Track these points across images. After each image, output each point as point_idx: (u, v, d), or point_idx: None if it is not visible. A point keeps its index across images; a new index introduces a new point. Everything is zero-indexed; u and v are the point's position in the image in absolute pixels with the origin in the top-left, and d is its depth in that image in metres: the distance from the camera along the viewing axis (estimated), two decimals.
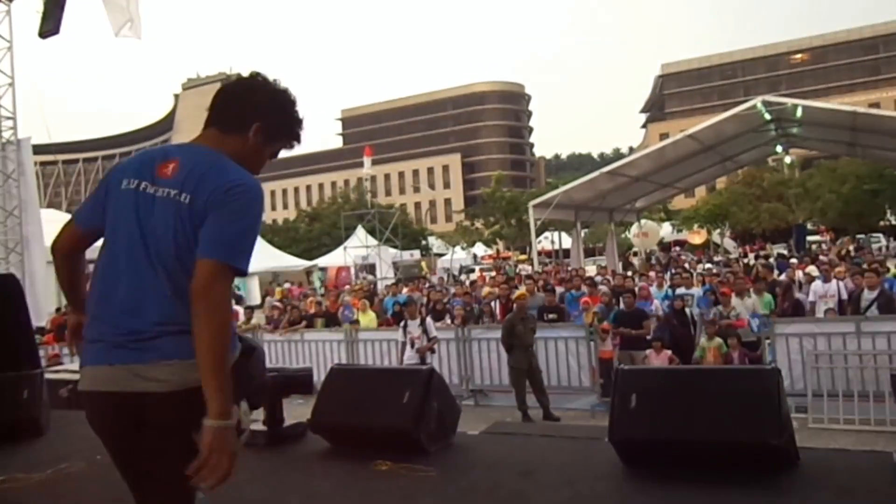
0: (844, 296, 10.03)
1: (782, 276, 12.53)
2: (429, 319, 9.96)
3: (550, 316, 10.60)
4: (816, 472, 3.43)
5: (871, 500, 3.10)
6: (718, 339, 9.11)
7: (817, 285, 10.38)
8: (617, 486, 3.61)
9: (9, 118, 9.99)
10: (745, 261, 24.10)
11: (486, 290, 15.71)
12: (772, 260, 19.32)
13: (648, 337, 9.72)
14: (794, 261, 16.32)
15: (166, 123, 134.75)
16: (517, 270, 27.70)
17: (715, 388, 3.63)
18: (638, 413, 3.66)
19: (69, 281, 2.24)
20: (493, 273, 25.12)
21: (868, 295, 9.42)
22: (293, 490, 2.76)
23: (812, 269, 12.96)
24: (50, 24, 9.15)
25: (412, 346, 9.36)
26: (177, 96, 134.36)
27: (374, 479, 2.78)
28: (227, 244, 1.89)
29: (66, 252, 2.19)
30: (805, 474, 3.40)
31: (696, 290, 11.38)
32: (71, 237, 2.17)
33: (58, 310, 15.69)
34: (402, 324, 9.86)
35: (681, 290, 11.39)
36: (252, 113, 2.09)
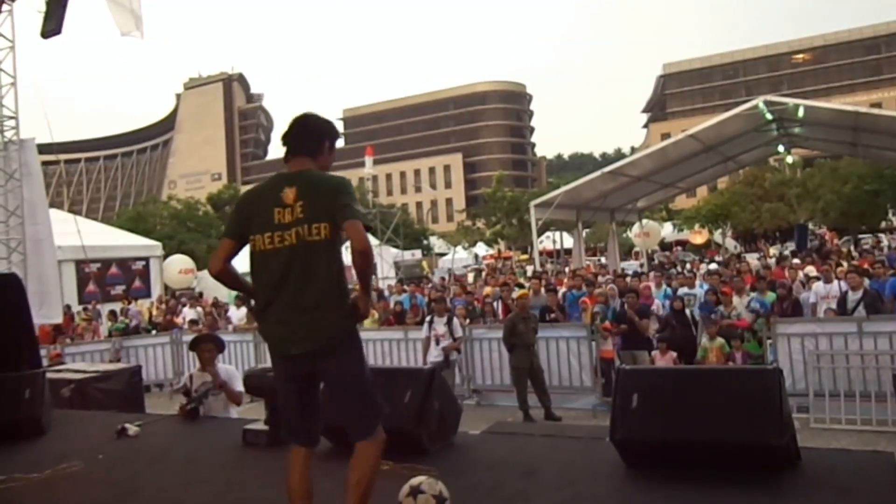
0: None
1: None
2: (456, 319, 9.91)
3: (552, 316, 10.60)
4: (818, 472, 3.43)
5: (873, 501, 3.10)
6: (720, 339, 9.11)
7: (819, 286, 10.37)
8: (618, 486, 3.61)
9: (11, 118, 9.99)
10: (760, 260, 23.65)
11: (486, 289, 15.71)
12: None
13: (649, 336, 9.72)
14: (796, 261, 16.25)
15: (168, 123, 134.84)
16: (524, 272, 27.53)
17: (717, 388, 3.63)
18: (639, 413, 3.66)
19: None
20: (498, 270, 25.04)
21: (853, 296, 9.43)
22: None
23: (810, 270, 12.93)
24: (52, 24, 9.16)
25: (437, 343, 9.31)
26: (178, 96, 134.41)
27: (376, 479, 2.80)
28: None
29: None
30: (806, 474, 3.40)
31: (698, 291, 11.35)
32: None
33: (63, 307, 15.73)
34: (428, 320, 9.82)
35: (682, 290, 11.37)
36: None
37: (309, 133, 3.05)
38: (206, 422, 5.57)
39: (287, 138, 3.04)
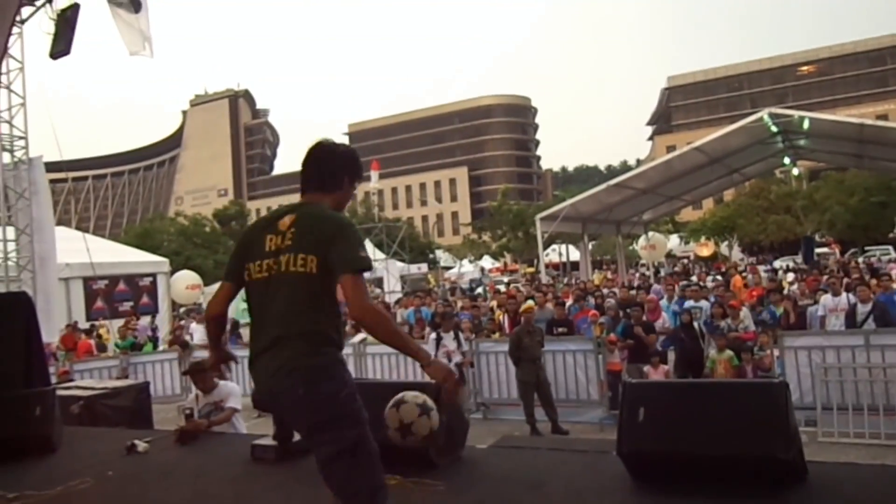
0: None
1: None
2: (461, 333, 9.89)
3: (560, 329, 10.61)
4: (825, 485, 3.43)
5: None
6: (729, 352, 9.10)
7: (827, 299, 10.37)
8: (625, 499, 3.62)
9: (21, 137, 10.11)
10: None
11: (493, 303, 15.73)
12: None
13: (657, 349, 9.73)
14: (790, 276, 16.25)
15: (175, 140, 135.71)
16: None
17: (723, 402, 3.64)
18: (646, 426, 3.67)
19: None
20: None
21: (862, 308, 9.43)
22: (302, 503, 2.80)
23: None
24: (61, 45, 9.27)
25: (449, 359, 9.22)
26: (185, 112, 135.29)
27: None
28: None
29: None
30: (813, 488, 3.40)
31: (705, 304, 11.35)
32: None
33: (68, 326, 15.83)
34: (433, 337, 9.79)
35: (689, 304, 11.37)
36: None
37: (324, 166, 2.81)
38: (213, 437, 5.60)
39: (302, 171, 2.85)
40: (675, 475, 3.56)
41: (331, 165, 2.82)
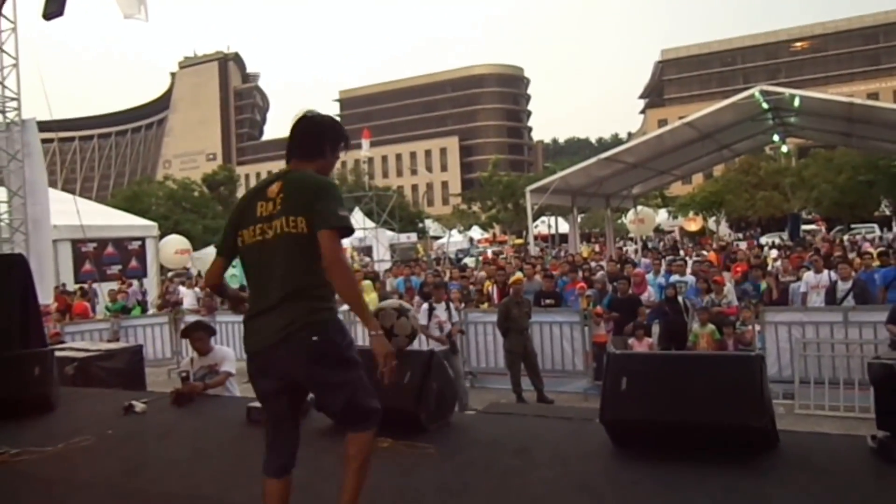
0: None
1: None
2: (451, 303, 9.93)
3: (547, 301, 10.78)
4: (795, 453, 3.62)
5: (845, 480, 3.29)
6: (711, 326, 9.31)
7: (809, 276, 10.59)
8: (607, 464, 3.80)
9: (13, 99, 10.07)
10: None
11: (482, 273, 15.90)
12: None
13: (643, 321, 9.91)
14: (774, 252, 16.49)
15: (163, 102, 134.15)
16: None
17: (701, 373, 3.81)
18: (628, 395, 3.85)
19: None
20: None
21: (843, 286, 9.64)
22: (299, 464, 2.95)
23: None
24: (54, 7, 9.21)
25: (441, 330, 9.25)
26: (174, 75, 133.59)
27: (376, 455, 2.96)
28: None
29: None
30: (784, 455, 3.59)
31: (689, 278, 11.55)
32: None
33: (56, 288, 15.85)
34: (425, 307, 9.83)
35: (674, 278, 11.57)
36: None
37: (306, 136, 3.00)
38: (209, 400, 5.75)
39: (288, 142, 3.02)
40: (655, 441, 3.75)
41: (313, 134, 3.01)
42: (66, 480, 4.05)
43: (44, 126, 13.26)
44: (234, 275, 25.85)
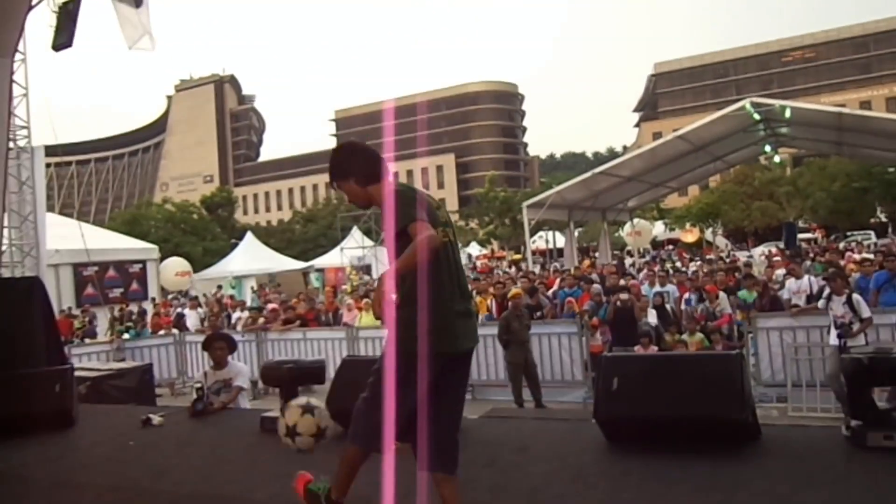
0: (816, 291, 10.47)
1: None
2: None
3: (537, 314, 11.10)
4: (776, 443, 3.90)
5: (820, 466, 3.56)
6: (699, 334, 9.60)
7: (791, 282, 10.86)
8: (601, 458, 4.08)
9: (23, 127, 10.37)
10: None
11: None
12: None
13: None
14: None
15: (159, 125, 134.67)
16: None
17: (687, 372, 4.10)
18: (620, 395, 4.13)
19: None
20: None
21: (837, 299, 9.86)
22: (308, 465, 3.23)
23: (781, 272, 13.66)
24: (63, 38, 9.47)
25: None
26: (170, 98, 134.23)
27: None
28: None
29: None
30: (765, 445, 3.87)
31: (670, 288, 12.26)
32: None
33: (61, 312, 16.06)
34: None
35: (657, 289, 12.13)
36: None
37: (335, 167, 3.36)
38: (223, 412, 6.01)
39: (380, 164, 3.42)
40: (646, 436, 4.03)
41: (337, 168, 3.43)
42: (94, 485, 4.30)
43: (54, 150, 13.51)
44: (234, 287, 25.79)
